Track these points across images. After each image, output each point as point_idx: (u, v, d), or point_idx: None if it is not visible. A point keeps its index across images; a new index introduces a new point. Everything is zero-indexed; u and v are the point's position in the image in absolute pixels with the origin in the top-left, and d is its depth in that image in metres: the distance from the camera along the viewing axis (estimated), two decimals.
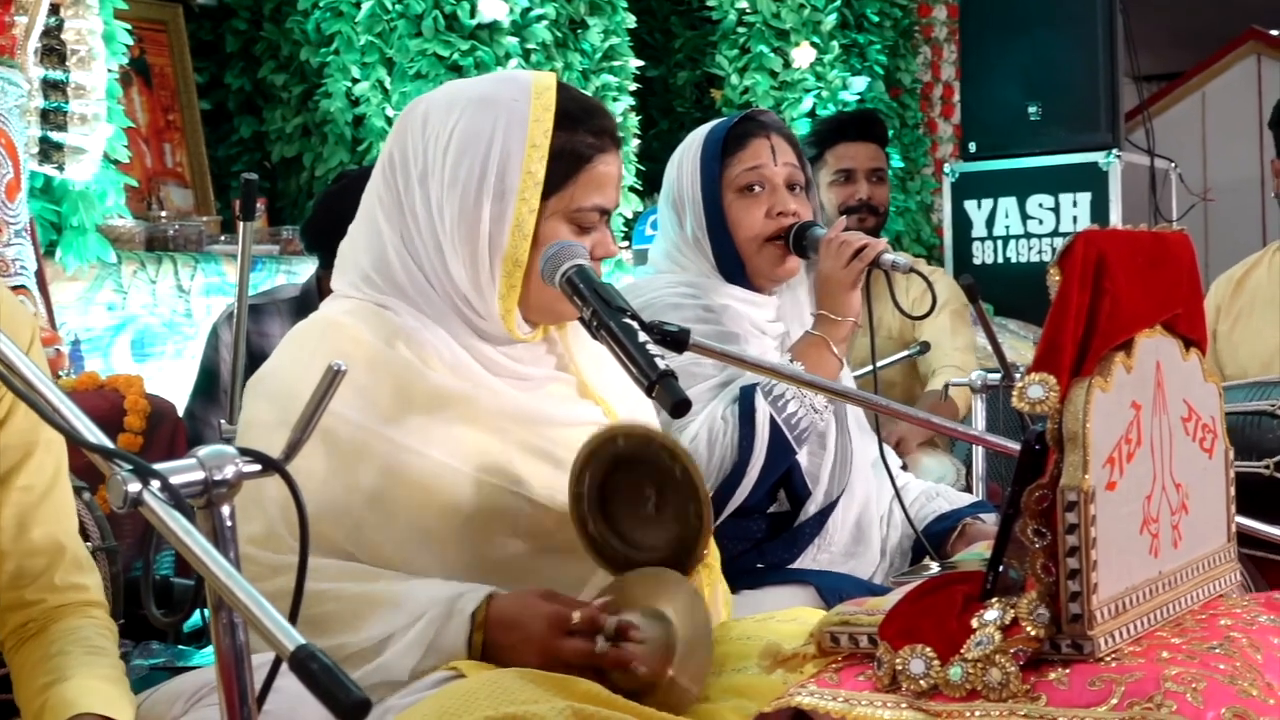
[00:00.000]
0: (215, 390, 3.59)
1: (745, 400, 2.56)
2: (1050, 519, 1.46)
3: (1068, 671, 1.45)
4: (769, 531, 2.67)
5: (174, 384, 3.90)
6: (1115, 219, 6.48)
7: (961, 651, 1.47)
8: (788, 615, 2.09)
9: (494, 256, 2.00)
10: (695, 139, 2.80)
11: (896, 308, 2.79)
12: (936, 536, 2.69)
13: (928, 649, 1.49)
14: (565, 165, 2.02)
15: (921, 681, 1.48)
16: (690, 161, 2.76)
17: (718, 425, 2.54)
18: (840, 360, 2.67)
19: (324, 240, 3.44)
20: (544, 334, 2.13)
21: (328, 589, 1.86)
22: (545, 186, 2.01)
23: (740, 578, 2.47)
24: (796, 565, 2.68)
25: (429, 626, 1.82)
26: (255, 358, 2.11)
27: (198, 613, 2.74)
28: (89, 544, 2.57)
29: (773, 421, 2.54)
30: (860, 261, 2.65)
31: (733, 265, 2.74)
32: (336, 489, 1.92)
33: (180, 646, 3.13)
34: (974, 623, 1.48)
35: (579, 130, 2.04)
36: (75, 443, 1.25)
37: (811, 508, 2.68)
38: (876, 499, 2.81)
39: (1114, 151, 6.58)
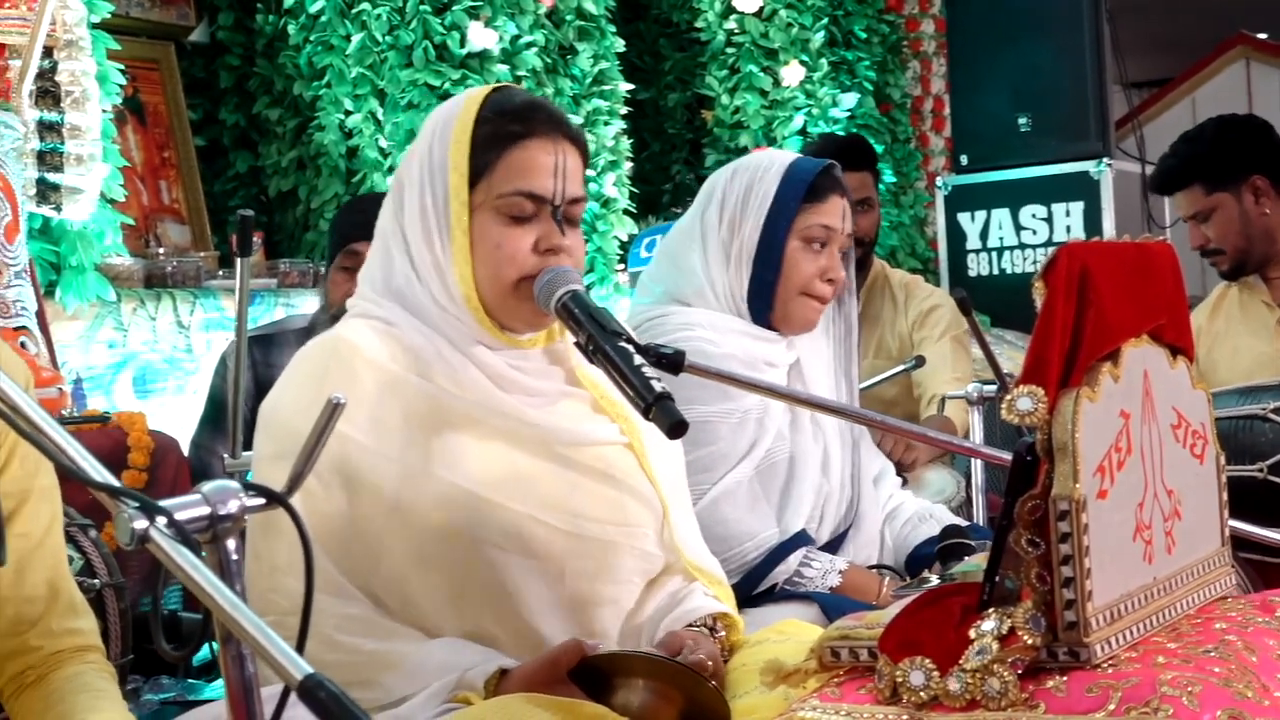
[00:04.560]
0: (223, 420, 3.59)
1: (778, 552, 2.58)
2: (1043, 529, 1.48)
3: (1065, 679, 1.46)
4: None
5: (176, 420, 3.92)
6: (1108, 227, 6.50)
7: (960, 662, 1.48)
8: (780, 634, 2.11)
9: (447, 262, 2.02)
10: (769, 169, 2.73)
11: None
12: (923, 560, 2.69)
13: (927, 660, 1.50)
14: (485, 152, 2.02)
15: (922, 693, 1.49)
16: (763, 190, 2.70)
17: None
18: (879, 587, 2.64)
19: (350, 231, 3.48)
20: (548, 341, 2.13)
21: (344, 640, 1.89)
22: (470, 178, 2.01)
23: (744, 597, 2.49)
24: None
25: (436, 695, 1.84)
26: (264, 389, 2.12)
27: (206, 646, 2.76)
28: (97, 581, 2.59)
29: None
30: None
31: (762, 302, 2.71)
32: (350, 516, 1.94)
33: (190, 680, 3.14)
34: (972, 633, 1.50)
35: (504, 119, 2.03)
36: (82, 482, 1.26)
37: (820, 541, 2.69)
38: (874, 514, 2.84)
39: (1105, 160, 6.61)
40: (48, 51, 3.96)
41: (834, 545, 2.71)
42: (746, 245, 2.70)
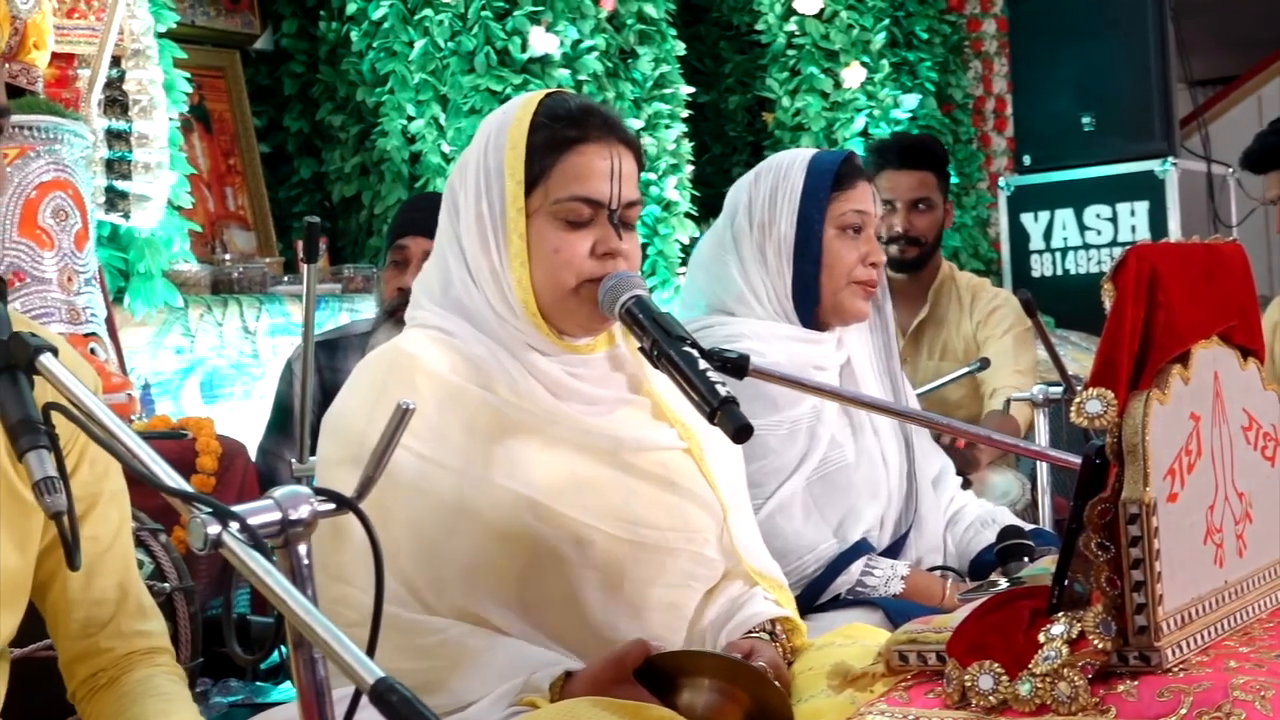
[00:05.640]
0: (289, 426, 3.63)
1: (838, 562, 2.58)
2: (1113, 532, 1.47)
3: (1136, 683, 1.45)
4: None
5: (243, 424, 3.95)
6: (1174, 227, 6.45)
7: (1030, 666, 1.47)
8: (846, 636, 2.10)
9: (505, 269, 2.02)
10: (791, 165, 2.74)
11: None
12: (987, 567, 2.68)
13: (996, 665, 1.49)
14: (541, 159, 2.01)
15: (991, 697, 1.49)
16: (789, 187, 2.71)
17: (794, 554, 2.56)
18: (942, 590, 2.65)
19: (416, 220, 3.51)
20: (608, 345, 2.13)
21: (410, 645, 1.89)
22: (526, 184, 2.01)
23: (807, 608, 2.48)
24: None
25: (503, 699, 1.85)
26: (329, 393, 2.14)
27: (275, 649, 2.79)
28: (167, 584, 2.62)
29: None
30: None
31: (808, 297, 2.71)
32: (411, 524, 1.95)
33: (258, 683, 3.17)
34: (1041, 637, 1.49)
35: (559, 125, 2.02)
36: (155, 487, 1.28)
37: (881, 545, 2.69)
38: (935, 516, 2.83)
39: (1170, 159, 6.55)
40: (115, 61, 4.01)
41: (895, 548, 2.70)
42: (784, 241, 2.70)
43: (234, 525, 1.23)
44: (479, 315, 2.05)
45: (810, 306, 2.71)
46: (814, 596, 2.55)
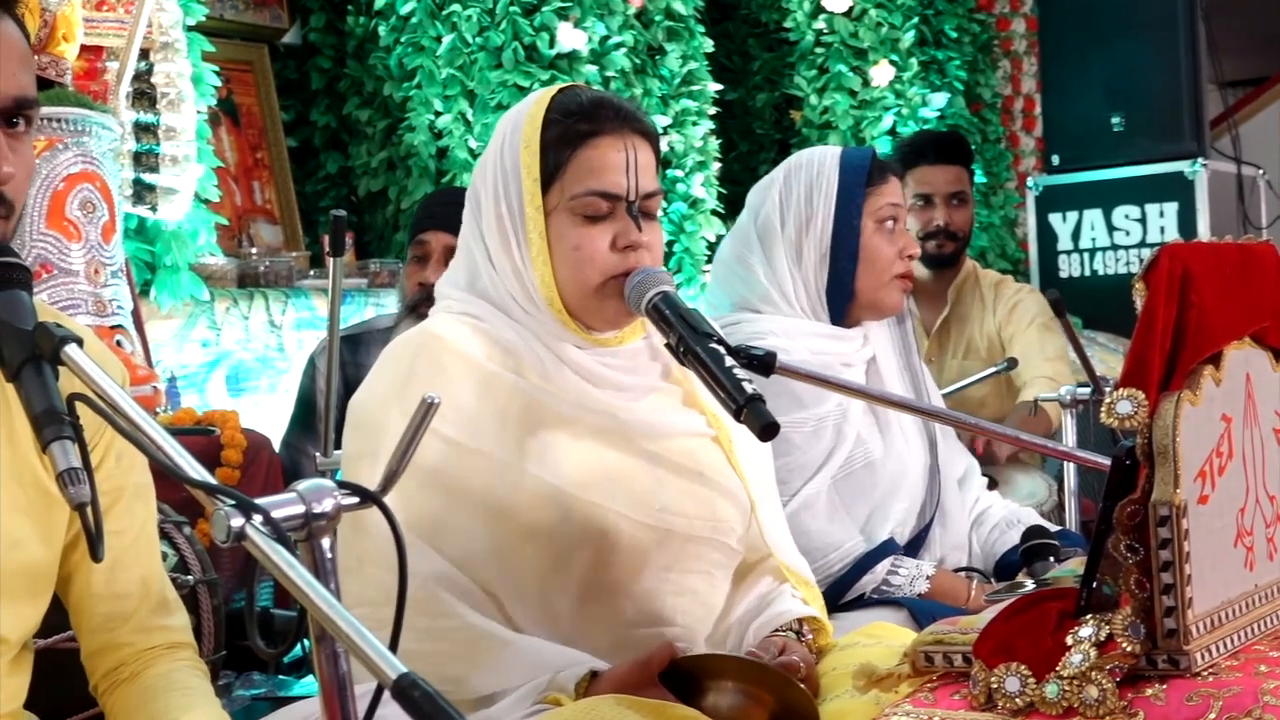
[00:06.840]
0: (312, 420, 3.63)
1: (865, 562, 2.57)
2: (1143, 534, 1.46)
3: (1164, 687, 1.44)
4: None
5: (269, 418, 3.96)
6: (1203, 228, 6.41)
7: (1057, 669, 1.46)
8: (871, 636, 2.09)
9: (527, 268, 2.02)
10: (823, 163, 2.74)
11: None
12: (1012, 567, 2.67)
13: (1023, 667, 1.48)
14: (555, 155, 2.01)
15: (1017, 699, 1.48)
16: (825, 183, 2.71)
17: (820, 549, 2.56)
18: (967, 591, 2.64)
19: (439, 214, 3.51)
20: (635, 337, 2.12)
21: (436, 630, 1.89)
22: (542, 181, 2.01)
23: (831, 606, 2.47)
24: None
25: (527, 697, 1.84)
26: (352, 388, 2.14)
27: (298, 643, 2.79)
28: (191, 577, 2.62)
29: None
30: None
31: (844, 293, 2.71)
32: (438, 512, 1.95)
33: (281, 676, 3.17)
34: (1069, 640, 1.48)
35: (571, 120, 2.02)
36: (179, 480, 1.28)
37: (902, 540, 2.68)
38: (960, 515, 2.82)
39: (1200, 160, 6.51)
40: (144, 54, 4.02)
41: (915, 544, 2.69)
42: (821, 238, 2.70)
43: (257, 518, 1.23)
44: (506, 305, 2.05)
45: (843, 303, 2.71)
46: (838, 595, 2.55)
